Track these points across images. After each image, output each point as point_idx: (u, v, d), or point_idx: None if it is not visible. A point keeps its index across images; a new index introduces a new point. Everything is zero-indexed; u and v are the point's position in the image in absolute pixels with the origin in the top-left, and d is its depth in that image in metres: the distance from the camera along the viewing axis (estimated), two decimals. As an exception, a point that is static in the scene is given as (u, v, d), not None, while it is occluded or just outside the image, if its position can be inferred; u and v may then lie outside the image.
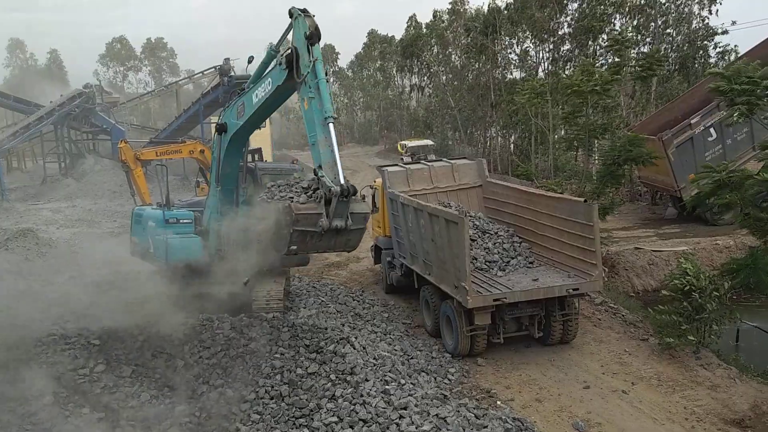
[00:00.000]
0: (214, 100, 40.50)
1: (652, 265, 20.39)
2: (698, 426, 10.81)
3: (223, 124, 13.18)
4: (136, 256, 16.30)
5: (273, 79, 11.29)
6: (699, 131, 23.23)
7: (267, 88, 11.53)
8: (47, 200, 37.45)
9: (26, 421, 9.10)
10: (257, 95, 11.88)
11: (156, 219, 14.94)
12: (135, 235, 16.16)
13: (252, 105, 12.10)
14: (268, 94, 11.55)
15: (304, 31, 10.31)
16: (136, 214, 16.33)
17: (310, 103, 10.35)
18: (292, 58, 10.54)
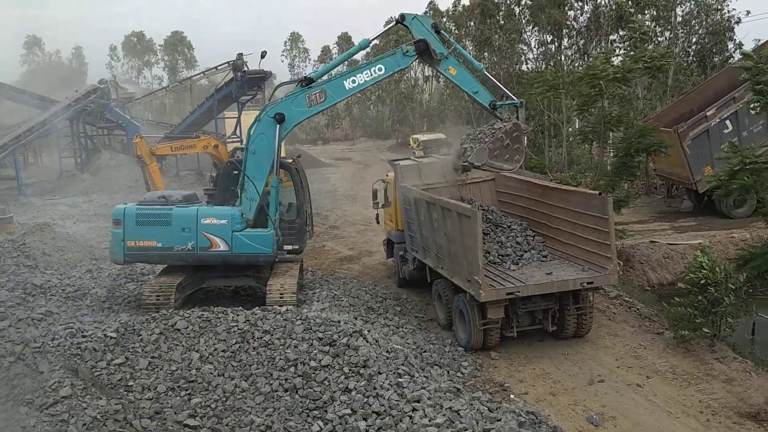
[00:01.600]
0: (227, 95, 40.65)
1: (668, 258, 20.26)
2: (713, 419, 10.76)
3: (281, 114, 14.32)
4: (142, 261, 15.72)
5: (388, 65, 14.42)
6: (715, 123, 23.02)
7: (376, 73, 14.38)
8: (64, 195, 37.77)
9: (44, 413, 9.21)
10: (354, 81, 14.35)
11: (230, 216, 14.73)
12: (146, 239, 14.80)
13: (345, 91, 14.57)
14: (378, 79, 14.58)
15: (430, 24, 14.54)
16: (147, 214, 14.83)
17: (458, 67, 14.56)
18: (422, 46, 14.14)
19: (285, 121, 14.43)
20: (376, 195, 18.20)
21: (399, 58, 14.36)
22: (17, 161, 39.12)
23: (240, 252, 14.62)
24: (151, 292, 14.43)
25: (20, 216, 29.63)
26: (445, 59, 14.30)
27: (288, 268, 15.62)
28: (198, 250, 14.64)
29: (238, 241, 14.57)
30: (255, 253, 14.69)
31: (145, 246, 14.72)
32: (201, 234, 14.56)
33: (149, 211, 14.88)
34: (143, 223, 14.70)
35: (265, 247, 14.65)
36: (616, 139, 22.35)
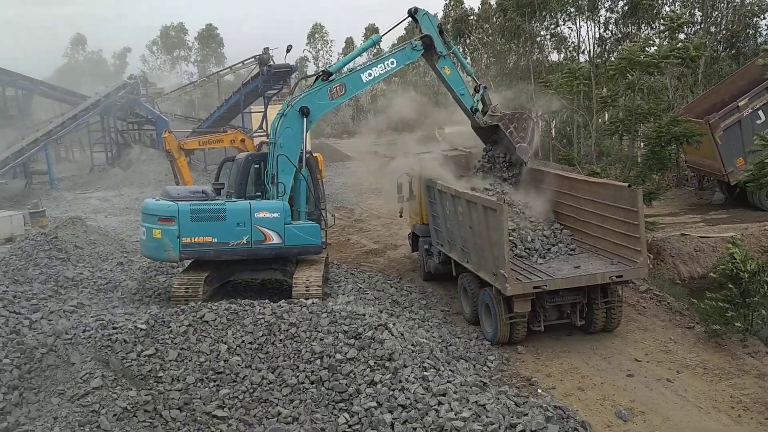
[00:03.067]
0: (253, 90, 40.89)
1: (699, 251, 19.91)
2: (745, 415, 10.57)
3: (306, 107, 14.99)
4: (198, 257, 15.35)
5: (399, 58, 15.64)
6: (747, 114, 22.52)
7: (389, 66, 15.48)
8: (95, 189, 38.41)
9: (75, 403, 9.38)
10: (371, 74, 15.33)
11: (281, 210, 14.93)
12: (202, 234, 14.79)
13: (362, 83, 15.56)
14: (391, 71, 15.61)
15: (437, 24, 15.78)
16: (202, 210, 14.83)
17: (452, 68, 15.90)
18: (428, 42, 15.47)
19: (310, 114, 15.09)
20: (400, 188, 18.17)
21: (408, 51, 15.58)
22: (49, 156, 39.86)
23: (292, 244, 15.01)
24: (180, 285, 14.62)
25: (52, 210, 30.23)
26: (443, 58, 15.65)
27: (313, 262, 15.70)
28: (252, 244, 14.85)
29: (290, 233, 14.93)
30: (306, 245, 15.14)
31: (200, 242, 14.80)
32: (255, 228, 14.82)
33: (204, 207, 14.95)
34: (199, 219, 14.76)
35: (314, 238, 15.20)
36: (647, 130, 21.98)
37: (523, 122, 15.62)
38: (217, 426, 9.71)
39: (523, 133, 15.50)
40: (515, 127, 15.51)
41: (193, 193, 15.62)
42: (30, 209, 27.37)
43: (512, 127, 15.51)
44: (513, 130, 15.50)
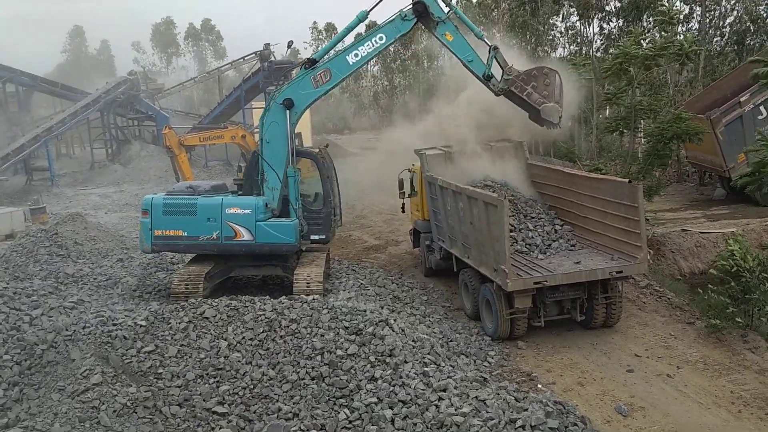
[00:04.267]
0: (254, 86, 40.91)
1: (700, 247, 19.88)
2: (745, 410, 10.57)
3: (289, 99, 14.24)
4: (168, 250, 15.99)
5: (389, 32, 14.04)
6: (749, 109, 22.49)
7: (378, 43, 14.02)
8: (95, 185, 38.44)
9: (75, 399, 9.39)
10: (357, 54, 14.05)
11: (254, 206, 14.89)
12: (172, 228, 15.06)
13: (349, 66, 14.22)
14: (381, 48, 14.16)
15: None
16: (173, 204, 15.11)
17: (455, 33, 13.95)
18: (421, 8, 13.70)
19: (294, 106, 14.38)
20: (402, 184, 18.15)
21: (398, 23, 13.97)
22: (50, 152, 39.85)
23: (263, 242, 14.78)
24: (180, 281, 14.62)
25: (53, 206, 30.25)
26: (443, 24, 13.81)
27: (314, 258, 15.70)
28: (222, 240, 14.85)
29: (262, 231, 14.74)
30: (278, 243, 14.82)
31: (171, 235, 15.00)
32: (225, 224, 14.77)
33: (175, 201, 15.12)
34: (170, 213, 14.96)
35: (288, 237, 14.78)
36: (648, 127, 21.93)
37: (544, 78, 13.77)
38: (217, 422, 9.72)
39: (546, 91, 13.71)
40: (534, 86, 13.75)
41: (213, 188, 15.92)
42: (30, 205, 27.42)
43: (530, 87, 13.77)
44: (532, 91, 13.73)
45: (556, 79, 13.71)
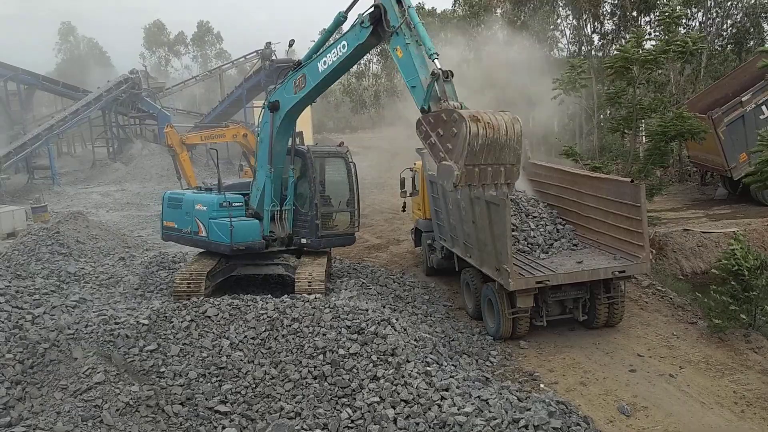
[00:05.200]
0: (256, 84, 40.95)
1: (702, 247, 19.85)
2: (748, 410, 10.56)
3: (275, 101, 13.81)
4: (172, 240, 16.76)
5: (350, 40, 12.18)
6: (750, 109, 22.45)
7: (341, 52, 12.32)
8: (97, 184, 38.48)
9: (78, 398, 9.39)
10: (325, 62, 12.66)
11: (208, 202, 15.12)
12: (170, 220, 16.30)
13: (318, 74, 12.90)
14: (343, 57, 12.39)
15: None
16: (172, 198, 16.46)
17: (406, 49, 11.09)
18: (377, 14, 11.44)
19: (279, 108, 13.98)
20: (403, 183, 18.14)
21: (357, 30, 12.07)
22: (51, 151, 39.88)
23: (214, 239, 15.12)
24: (182, 280, 14.62)
25: (54, 205, 30.27)
26: (396, 35, 11.24)
27: (316, 257, 15.69)
28: (192, 234, 15.56)
29: (212, 228, 15.07)
30: (218, 242, 15.02)
31: (170, 227, 16.26)
32: (194, 219, 15.41)
33: (173, 195, 16.48)
34: (170, 206, 16.26)
35: (224, 237, 14.89)
36: (649, 126, 21.90)
37: (451, 126, 10.00)
38: (220, 421, 9.72)
39: (450, 143, 10.05)
40: (440, 135, 10.19)
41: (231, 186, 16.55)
42: (32, 204, 27.44)
43: (434, 135, 10.28)
44: (436, 141, 10.25)
45: (462, 130, 9.80)
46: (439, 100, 10.44)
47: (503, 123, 10.03)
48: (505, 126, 10.05)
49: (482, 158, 9.91)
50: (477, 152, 9.81)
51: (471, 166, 9.85)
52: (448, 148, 10.01)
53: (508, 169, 10.34)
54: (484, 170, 10.06)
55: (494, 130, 9.90)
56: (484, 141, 9.79)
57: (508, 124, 10.07)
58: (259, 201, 15.09)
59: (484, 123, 9.78)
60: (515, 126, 10.17)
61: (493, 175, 10.21)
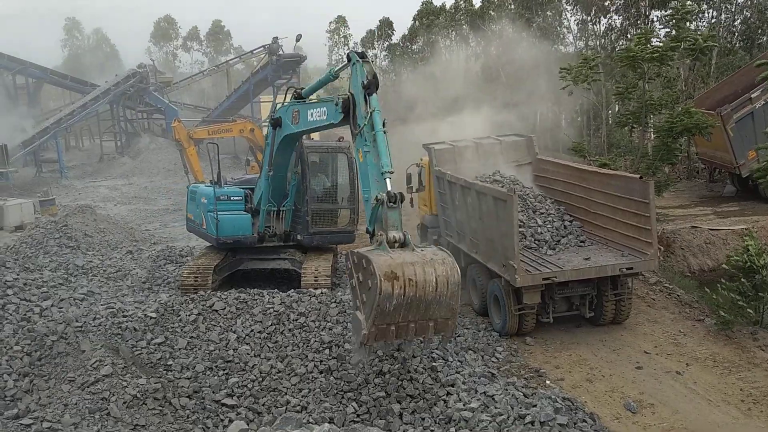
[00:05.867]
0: (263, 79, 41.00)
1: (709, 244, 19.80)
2: (755, 408, 10.51)
3: (278, 119, 13.39)
4: (191, 231, 17.24)
5: (329, 114, 11.18)
6: (760, 106, 22.35)
7: (322, 118, 11.48)
8: (104, 178, 38.60)
9: (85, 390, 9.44)
10: (312, 115, 11.88)
11: (208, 196, 15.28)
12: (190, 212, 16.83)
13: (306, 122, 12.15)
14: (324, 123, 11.54)
15: (362, 80, 9.97)
16: (191, 191, 16.93)
17: (365, 156, 9.92)
18: (348, 104, 10.32)
19: (281, 126, 13.35)
20: (410, 179, 18.12)
21: (333, 109, 10.98)
22: (59, 144, 40.03)
23: (208, 231, 15.46)
24: (190, 274, 14.67)
25: (62, 198, 30.39)
26: (359, 136, 10.07)
27: (322, 252, 15.71)
28: (199, 226, 16.03)
29: (207, 221, 15.41)
30: (209, 234, 15.41)
31: (189, 219, 16.97)
32: (201, 211, 15.80)
33: (192, 188, 17.06)
34: (191, 199, 16.85)
35: (209, 231, 15.30)
36: (657, 122, 21.83)
37: (366, 278, 8.74)
38: (226, 414, 9.75)
39: (366, 295, 8.80)
40: (359, 280, 8.97)
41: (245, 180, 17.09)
42: (40, 197, 27.56)
43: (356, 278, 9.06)
44: (356, 285, 9.05)
45: (374, 288, 8.45)
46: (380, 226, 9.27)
47: (432, 278, 8.67)
48: (435, 282, 8.69)
49: (400, 317, 8.68)
50: (391, 312, 8.60)
51: (384, 325, 8.67)
52: (363, 300, 8.87)
53: (440, 323, 9.04)
54: (405, 327, 8.83)
55: (417, 288, 8.59)
56: (401, 301, 8.54)
57: (440, 278, 8.71)
58: (259, 199, 15.18)
59: (403, 281, 8.49)
60: (450, 279, 8.83)
61: (418, 331, 8.95)
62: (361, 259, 8.85)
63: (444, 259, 8.96)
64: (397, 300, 8.51)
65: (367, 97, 9.90)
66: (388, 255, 8.70)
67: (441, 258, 8.95)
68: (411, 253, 8.89)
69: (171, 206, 28.66)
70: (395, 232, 9.06)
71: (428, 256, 8.93)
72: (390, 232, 9.03)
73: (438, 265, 8.77)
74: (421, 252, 9.02)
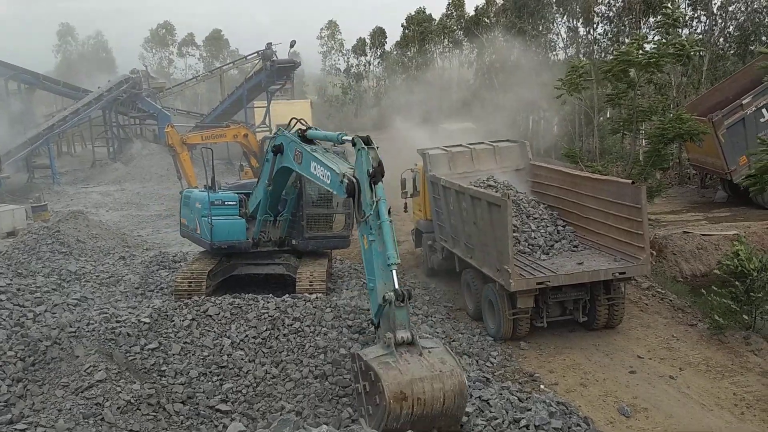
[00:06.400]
0: (257, 84, 40.96)
1: (701, 249, 19.89)
2: (748, 413, 10.58)
3: (280, 145, 13.02)
4: (185, 237, 17.08)
5: (332, 183, 10.73)
6: (751, 112, 22.50)
7: (324, 180, 11.06)
8: (96, 183, 38.44)
9: (79, 396, 9.40)
10: (315, 169, 11.37)
11: (202, 201, 15.26)
12: (184, 217, 16.72)
13: (308, 171, 11.76)
14: (323, 185, 11.32)
15: (368, 168, 9.78)
16: (185, 196, 16.84)
17: (370, 245, 9.74)
18: (353, 188, 9.95)
19: (282, 153, 13.03)
20: (404, 184, 18.16)
21: (336, 182, 10.57)
22: (51, 150, 39.85)
23: (201, 236, 15.49)
24: (184, 279, 14.65)
25: (54, 204, 30.26)
26: (365, 224, 9.82)
27: (317, 257, 15.72)
28: (193, 231, 15.99)
29: (201, 225, 15.43)
30: (203, 239, 15.45)
31: (183, 224, 16.83)
32: (194, 217, 15.77)
33: (186, 193, 16.99)
34: (185, 204, 16.71)
35: (203, 236, 15.38)
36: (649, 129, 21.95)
37: (375, 392, 8.74)
38: (221, 420, 9.73)
39: (371, 408, 8.86)
40: (365, 388, 8.98)
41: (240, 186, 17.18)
42: (32, 203, 27.43)
43: (362, 384, 9.06)
44: (362, 393, 9.08)
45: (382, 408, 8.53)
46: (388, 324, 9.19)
47: (440, 395, 8.64)
48: (443, 397, 8.66)
49: (408, 427, 8.61)
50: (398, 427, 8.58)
51: None
52: (369, 411, 8.85)
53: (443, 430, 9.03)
54: None
55: (424, 407, 8.60)
56: (408, 419, 8.56)
57: (447, 393, 8.67)
58: (255, 207, 15.16)
59: (412, 401, 8.51)
60: (458, 393, 8.76)
61: None
62: (368, 370, 8.81)
63: (452, 370, 8.86)
64: (404, 419, 8.54)
65: (373, 185, 9.74)
66: (397, 369, 8.67)
67: (449, 370, 8.85)
68: (419, 364, 8.81)
69: (163, 212, 28.57)
70: (403, 332, 9.04)
71: (437, 367, 8.82)
72: (398, 333, 9.00)
73: (447, 379, 8.70)
74: (428, 358, 8.91)
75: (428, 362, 8.89)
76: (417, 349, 9.02)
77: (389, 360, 8.80)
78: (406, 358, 8.86)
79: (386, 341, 8.97)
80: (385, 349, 8.95)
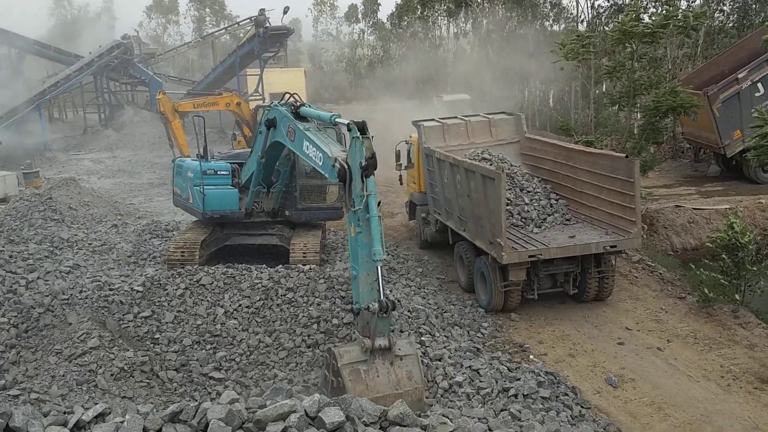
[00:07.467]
0: (249, 52, 40.47)
1: (693, 223, 20.01)
2: (734, 384, 10.75)
3: (273, 119, 12.75)
4: (178, 206, 17.03)
5: (324, 165, 10.47)
6: (746, 86, 22.41)
7: (317, 162, 10.79)
8: (88, 151, 38.15)
9: (73, 362, 9.48)
10: (308, 149, 11.08)
11: (194, 170, 15.19)
12: (176, 186, 16.64)
13: (300, 150, 11.51)
14: (315, 166, 11.07)
15: (360, 160, 9.44)
16: (177, 165, 16.75)
17: (357, 235, 9.53)
18: (344, 174, 9.62)
19: (275, 128, 12.75)
20: (399, 156, 18.11)
21: (328, 165, 10.26)
22: (42, 116, 39.44)
23: (194, 206, 15.51)
24: (176, 249, 14.65)
25: (46, 171, 30.07)
26: (354, 215, 9.61)
27: (311, 228, 15.74)
28: (186, 201, 15.95)
29: (194, 194, 15.42)
30: (195, 209, 15.47)
31: (176, 193, 16.76)
32: (187, 185, 15.74)
33: (179, 162, 16.93)
34: (177, 173, 16.62)
35: (195, 206, 15.42)
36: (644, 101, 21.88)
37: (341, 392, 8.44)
38: (214, 387, 9.85)
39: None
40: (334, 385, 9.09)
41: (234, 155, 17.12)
42: (23, 170, 27.24)
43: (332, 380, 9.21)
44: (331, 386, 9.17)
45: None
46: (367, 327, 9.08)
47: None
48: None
49: None
50: None
51: None
52: None
53: None
54: None
55: None
56: None
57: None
58: (248, 178, 15.02)
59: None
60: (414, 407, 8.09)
61: None
62: (338, 375, 8.86)
63: (415, 388, 8.98)
64: None
65: (365, 178, 9.48)
66: (365, 383, 8.79)
67: (412, 387, 8.96)
68: (387, 378, 8.91)
69: (156, 180, 28.44)
70: (382, 339, 9.00)
71: (402, 384, 8.94)
72: (377, 341, 8.98)
73: (407, 397, 8.56)
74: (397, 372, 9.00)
75: (395, 377, 8.99)
76: (391, 357, 9.03)
77: (361, 368, 8.90)
78: (377, 368, 8.94)
79: (365, 346, 8.95)
80: (362, 353, 8.97)
